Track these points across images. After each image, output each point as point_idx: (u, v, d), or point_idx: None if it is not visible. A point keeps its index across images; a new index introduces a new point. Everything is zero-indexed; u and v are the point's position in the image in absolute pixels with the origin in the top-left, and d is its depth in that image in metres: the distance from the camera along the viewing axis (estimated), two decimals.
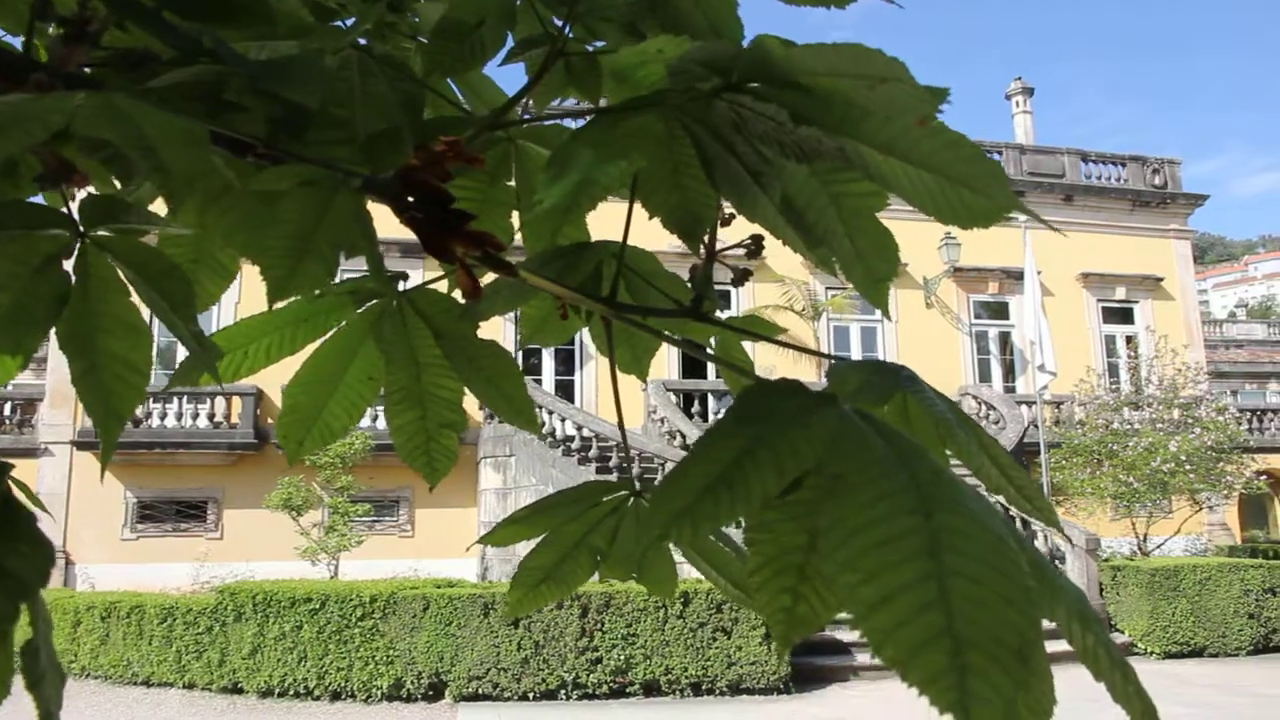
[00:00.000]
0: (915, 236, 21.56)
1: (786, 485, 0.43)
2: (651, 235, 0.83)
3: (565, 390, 19.73)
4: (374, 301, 0.86)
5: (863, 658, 11.35)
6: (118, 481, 17.46)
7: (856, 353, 21.38)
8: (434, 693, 10.50)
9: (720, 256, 0.80)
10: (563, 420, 16.03)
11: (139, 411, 17.33)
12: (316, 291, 0.76)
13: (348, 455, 15.59)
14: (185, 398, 17.41)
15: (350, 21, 0.99)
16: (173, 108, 0.47)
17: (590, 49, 0.77)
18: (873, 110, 0.56)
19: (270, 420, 18.14)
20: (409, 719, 9.80)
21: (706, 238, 0.80)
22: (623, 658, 10.46)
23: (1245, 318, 61.15)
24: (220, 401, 17.43)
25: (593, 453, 15.30)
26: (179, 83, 0.56)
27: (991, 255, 21.86)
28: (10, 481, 1.64)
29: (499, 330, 17.54)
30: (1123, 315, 23.10)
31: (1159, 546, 16.65)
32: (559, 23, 0.76)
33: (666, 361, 20.27)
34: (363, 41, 0.97)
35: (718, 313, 0.87)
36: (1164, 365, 18.28)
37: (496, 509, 16.47)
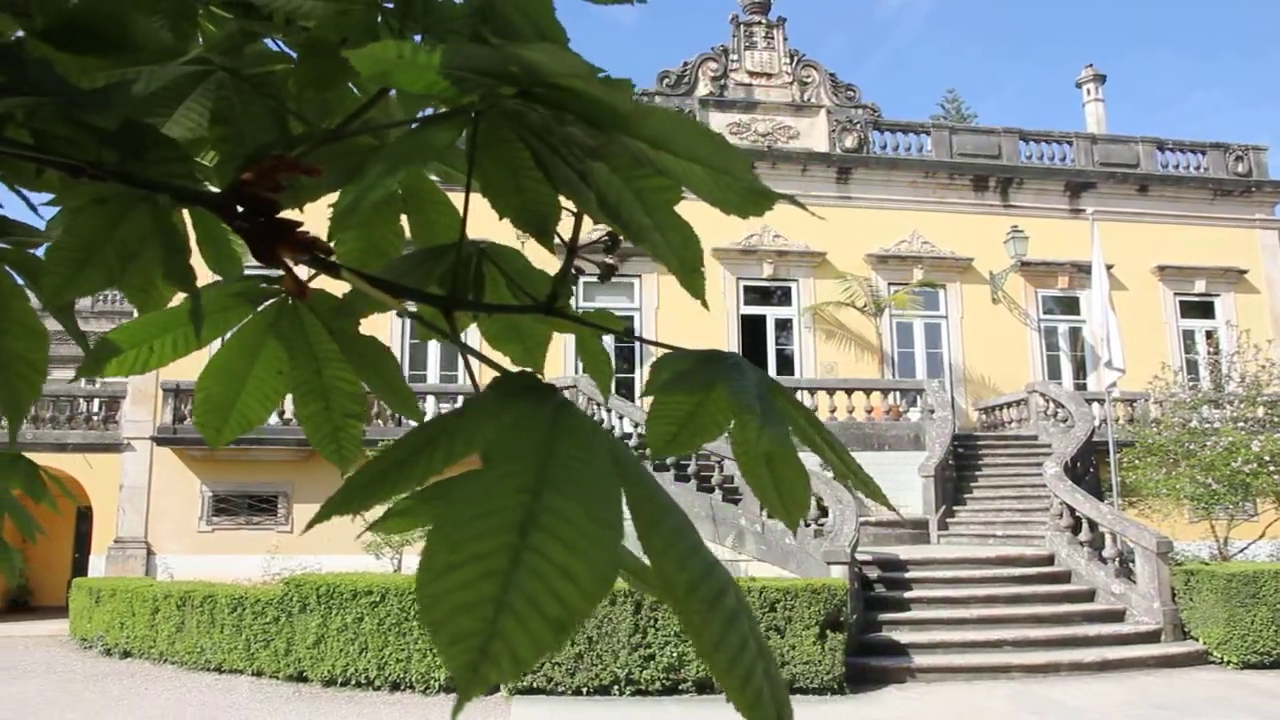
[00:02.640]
0: (981, 231, 21.18)
1: (452, 464, 0.47)
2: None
3: (627, 387, 19.85)
4: (271, 301, 0.92)
5: (920, 659, 11.18)
6: (195, 476, 18.16)
7: (920, 349, 21.03)
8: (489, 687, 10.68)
9: (582, 253, 0.84)
10: (620, 418, 16.13)
11: None
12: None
13: None
14: None
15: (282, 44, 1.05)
16: None
17: None
18: (634, 107, 0.59)
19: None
20: (465, 710, 9.96)
21: (569, 235, 0.85)
22: (675, 655, 10.49)
23: None
24: (289, 399, 17.96)
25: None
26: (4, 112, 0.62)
27: (1061, 248, 21.29)
28: (44, 475, 1.77)
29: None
30: (1202, 309, 22.25)
31: (1242, 550, 16.01)
32: (417, 38, 0.81)
33: None
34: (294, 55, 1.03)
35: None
36: (1246, 361, 17.54)
37: None
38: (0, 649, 14.37)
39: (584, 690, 10.47)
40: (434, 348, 20.04)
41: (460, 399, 18.54)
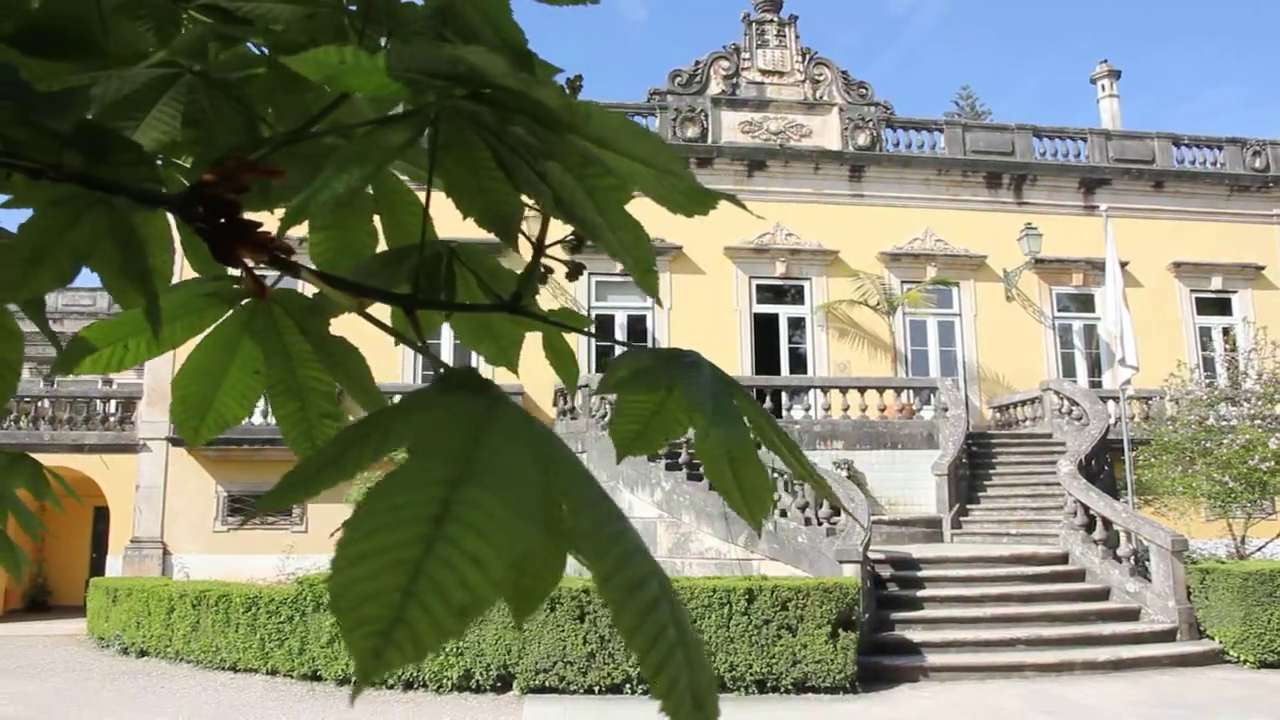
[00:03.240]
0: (995, 228, 21.08)
1: (381, 458, 0.48)
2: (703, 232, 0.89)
3: None
4: (245, 301, 0.93)
5: (933, 658, 11.14)
6: (210, 476, 18.29)
7: (934, 347, 20.95)
8: (502, 684, 10.72)
9: (547, 252, 0.85)
10: None
11: None
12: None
13: None
14: None
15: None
16: None
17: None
18: (567, 105, 0.60)
19: (353, 417, 18.73)
20: (478, 709, 10.02)
21: (538, 234, 0.86)
22: None
23: None
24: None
25: (664, 449, 15.37)
26: None
27: (1076, 245, 21.17)
28: (47, 473, 1.79)
29: None
30: (1219, 306, 22.07)
31: (1260, 549, 15.86)
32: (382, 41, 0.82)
33: (739, 358, 20.23)
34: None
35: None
36: (1264, 358, 17.39)
37: None
38: (19, 648, 14.52)
39: (596, 689, 10.49)
40: (455, 345, 20.08)
41: None
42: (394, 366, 18.41)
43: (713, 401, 0.68)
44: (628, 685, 10.47)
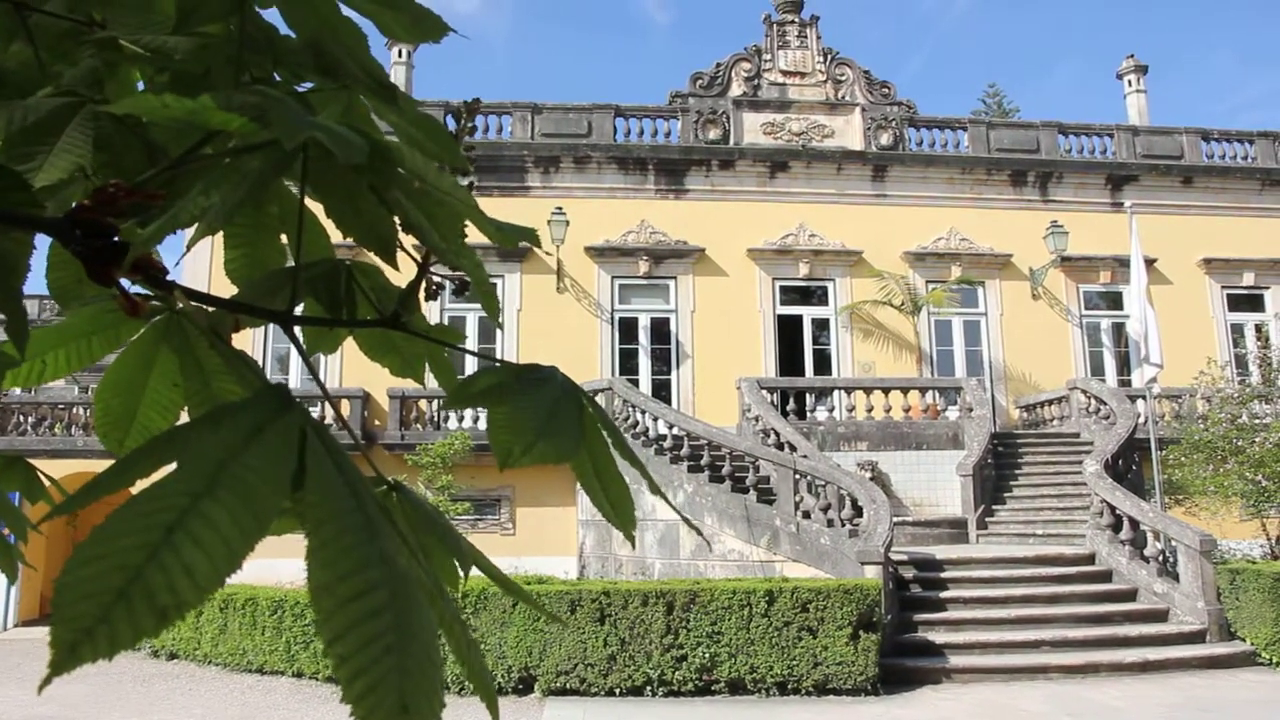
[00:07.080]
0: (1020, 226, 20.88)
1: (159, 467, 0.52)
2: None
3: (665, 389, 19.90)
4: (159, 317, 0.98)
5: (956, 660, 11.06)
6: None
7: (959, 347, 20.78)
8: (523, 686, 10.79)
9: (431, 269, 0.89)
10: (655, 420, 16.15)
11: None
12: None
13: (449, 455, 16.14)
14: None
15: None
16: None
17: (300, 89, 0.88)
18: (402, 148, 0.64)
19: (378, 422, 18.92)
20: (499, 711, 10.08)
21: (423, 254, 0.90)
22: (708, 655, 10.51)
23: None
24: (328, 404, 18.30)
25: (684, 451, 15.38)
26: None
27: (1103, 243, 20.91)
28: (40, 476, 1.84)
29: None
30: (1251, 302, 21.68)
31: None
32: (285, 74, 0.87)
33: (763, 360, 20.19)
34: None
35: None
36: None
37: (593, 508, 16.76)
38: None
39: (617, 691, 10.54)
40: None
41: None
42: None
43: (550, 420, 0.72)
44: (649, 688, 10.50)
